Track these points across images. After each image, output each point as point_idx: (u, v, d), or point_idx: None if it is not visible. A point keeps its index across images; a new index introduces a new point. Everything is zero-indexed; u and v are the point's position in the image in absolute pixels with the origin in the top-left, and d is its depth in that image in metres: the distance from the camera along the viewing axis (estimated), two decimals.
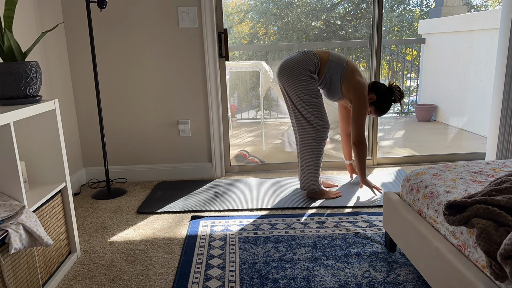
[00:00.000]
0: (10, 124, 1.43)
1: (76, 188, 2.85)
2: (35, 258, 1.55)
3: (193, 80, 2.88)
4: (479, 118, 4.39)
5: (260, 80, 4.12)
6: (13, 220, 1.37)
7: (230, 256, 1.87)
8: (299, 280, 1.66)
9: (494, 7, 6.24)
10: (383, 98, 2.45)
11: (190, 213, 2.38)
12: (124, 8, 2.75)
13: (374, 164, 3.19)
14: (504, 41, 2.69)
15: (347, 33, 4.97)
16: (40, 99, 1.67)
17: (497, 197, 1.20)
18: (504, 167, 1.68)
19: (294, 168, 3.15)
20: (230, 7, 5.17)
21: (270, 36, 5.18)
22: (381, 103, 2.46)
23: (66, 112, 2.76)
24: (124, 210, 2.46)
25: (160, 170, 3.01)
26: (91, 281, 1.72)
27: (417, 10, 6.19)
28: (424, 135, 4.62)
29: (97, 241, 2.07)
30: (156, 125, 2.96)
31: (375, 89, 2.46)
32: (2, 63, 1.56)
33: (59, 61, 2.68)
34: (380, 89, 2.46)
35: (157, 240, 2.07)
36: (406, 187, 1.69)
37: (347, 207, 2.39)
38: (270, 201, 2.50)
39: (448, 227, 1.36)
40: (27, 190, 1.71)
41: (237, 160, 3.39)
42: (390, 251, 1.85)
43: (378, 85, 2.47)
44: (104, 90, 2.88)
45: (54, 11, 2.63)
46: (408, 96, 5.66)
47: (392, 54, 5.61)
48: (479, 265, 1.20)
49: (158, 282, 1.69)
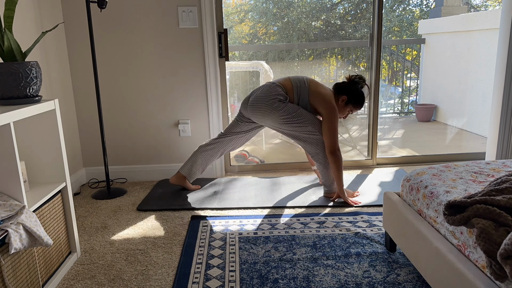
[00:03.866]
0: (10, 124, 1.43)
1: (76, 188, 2.85)
2: (35, 258, 1.55)
3: (193, 80, 2.88)
4: (479, 118, 4.39)
5: (260, 80, 4.12)
6: (13, 220, 1.37)
7: (230, 256, 1.87)
8: (299, 280, 1.66)
9: (494, 7, 6.24)
10: (352, 93, 2.47)
11: (189, 211, 2.38)
12: (124, 8, 2.75)
13: (374, 164, 3.19)
14: (504, 41, 2.69)
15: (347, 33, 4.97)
16: (40, 99, 1.67)
17: (497, 197, 1.20)
18: (504, 167, 1.68)
19: (294, 168, 3.16)
20: (230, 7, 5.17)
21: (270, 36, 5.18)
22: (354, 98, 2.48)
23: (66, 112, 2.76)
24: (124, 210, 2.46)
25: (160, 170, 3.01)
26: (91, 281, 1.72)
27: (417, 10, 6.19)
28: (424, 135, 4.62)
29: (97, 241, 2.07)
30: (156, 125, 2.96)
31: (341, 90, 2.49)
32: (2, 63, 1.56)
33: (59, 61, 2.68)
34: (344, 88, 2.49)
35: (157, 240, 2.07)
36: (406, 187, 1.69)
37: (347, 206, 2.39)
38: (270, 201, 2.50)
39: (448, 227, 1.36)
40: (27, 190, 1.71)
41: (237, 160, 3.39)
42: (390, 251, 1.86)
43: (341, 85, 2.51)
44: (104, 90, 2.88)
45: (54, 11, 2.64)
46: (408, 96, 5.66)
47: (392, 54, 5.61)
48: (479, 265, 1.20)
49: (158, 282, 1.69)
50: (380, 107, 3.26)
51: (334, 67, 4.98)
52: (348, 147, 3.80)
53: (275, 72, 4.31)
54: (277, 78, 2.54)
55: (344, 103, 2.49)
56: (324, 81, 4.92)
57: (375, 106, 3.10)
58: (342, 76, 5.07)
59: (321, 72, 4.88)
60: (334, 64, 4.94)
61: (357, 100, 2.49)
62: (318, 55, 4.83)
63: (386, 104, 5.63)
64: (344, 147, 3.81)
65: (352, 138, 3.99)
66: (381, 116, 5.28)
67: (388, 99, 5.64)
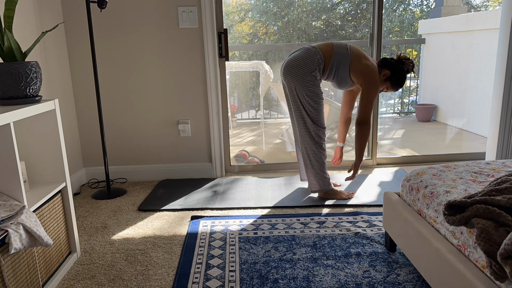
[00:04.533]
0: (10, 124, 1.43)
1: (76, 188, 2.85)
2: (35, 258, 1.55)
3: (193, 80, 2.88)
4: (479, 118, 4.39)
5: (260, 80, 4.12)
6: (13, 220, 1.37)
7: (230, 256, 1.87)
8: (299, 280, 1.66)
9: (494, 7, 6.24)
10: (396, 71, 2.43)
11: (190, 211, 2.38)
12: (124, 8, 2.75)
13: (374, 164, 3.19)
14: (504, 41, 2.69)
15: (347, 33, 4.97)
16: (40, 99, 1.67)
17: (497, 197, 1.20)
18: (504, 167, 1.68)
19: (294, 168, 3.15)
20: (230, 7, 5.17)
21: (270, 36, 5.18)
22: (396, 77, 2.44)
23: (66, 112, 2.76)
24: (124, 210, 2.46)
25: (160, 170, 3.01)
26: (91, 281, 1.72)
27: (417, 10, 6.19)
28: (424, 135, 4.62)
29: (97, 241, 2.07)
30: (156, 125, 2.96)
31: (386, 65, 2.44)
32: (2, 63, 1.56)
33: (59, 61, 2.68)
34: (391, 64, 2.44)
35: (157, 240, 2.07)
36: (406, 187, 1.69)
37: (347, 206, 2.39)
38: (270, 200, 2.50)
39: (448, 227, 1.36)
40: (27, 190, 1.71)
41: (237, 160, 3.39)
42: (390, 251, 1.86)
43: (388, 61, 2.46)
44: (104, 90, 2.88)
45: (54, 11, 2.64)
46: (408, 96, 5.66)
47: (392, 54, 5.61)
48: (479, 265, 1.20)
49: (158, 282, 1.69)
50: (380, 107, 3.26)
51: None
52: (348, 147, 3.80)
53: (275, 72, 4.31)
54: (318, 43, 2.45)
55: (384, 78, 2.43)
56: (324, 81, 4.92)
57: (375, 106, 3.10)
58: None
59: None
60: None
61: (397, 79, 2.43)
62: None
63: (386, 104, 5.63)
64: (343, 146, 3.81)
65: (352, 138, 3.98)
66: (381, 116, 5.28)
67: (388, 99, 5.64)
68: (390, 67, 2.43)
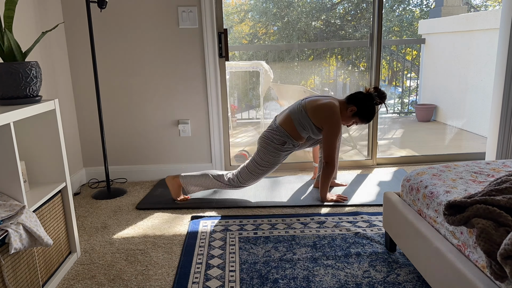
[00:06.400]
0: (10, 124, 1.43)
1: (76, 188, 2.85)
2: (35, 258, 1.55)
3: (193, 80, 2.88)
4: (479, 118, 4.39)
5: (260, 80, 4.12)
6: (13, 220, 1.37)
7: (230, 256, 1.87)
8: (299, 280, 1.66)
9: (494, 7, 6.24)
10: (363, 106, 2.42)
11: (190, 211, 2.38)
12: (124, 8, 2.75)
13: (374, 164, 3.19)
14: (504, 41, 2.69)
15: (347, 33, 4.98)
16: (40, 99, 1.67)
17: (497, 197, 1.20)
18: (504, 167, 1.68)
19: (294, 168, 3.16)
20: (230, 7, 5.18)
21: (270, 36, 5.19)
22: (363, 111, 2.43)
23: (66, 112, 2.76)
24: (124, 210, 2.46)
25: (160, 170, 3.01)
26: (91, 281, 1.72)
27: (417, 10, 6.19)
28: (424, 135, 4.62)
29: (97, 241, 2.07)
30: (156, 125, 2.96)
31: (352, 100, 2.44)
32: (2, 63, 1.56)
33: (59, 61, 2.68)
34: (357, 98, 2.43)
35: (157, 240, 2.07)
36: (406, 187, 1.69)
37: (347, 206, 2.39)
38: (270, 200, 2.50)
39: (448, 227, 1.36)
40: (27, 190, 1.71)
41: (237, 160, 3.39)
42: (390, 251, 1.86)
43: (355, 95, 2.45)
44: (104, 90, 2.88)
45: (54, 11, 2.64)
46: (408, 96, 5.66)
47: (392, 54, 5.61)
48: (479, 265, 1.20)
49: (158, 282, 1.69)
50: (380, 107, 3.25)
51: (334, 67, 4.98)
52: (348, 147, 3.81)
53: (275, 72, 4.31)
54: (278, 113, 2.53)
55: (351, 114, 2.43)
56: (324, 81, 4.92)
57: None
58: (342, 76, 5.07)
59: (321, 72, 4.88)
60: (334, 64, 4.95)
61: (364, 116, 2.44)
62: (318, 55, 4.83)
63: (386, 104, 5.63)
64: (343, 146, 3.82)
65: (352, 137, 3.99)
66: (381, 116, 5.28)
67: (388, 99, 5.64)
68: (357, 102, 2.43)
